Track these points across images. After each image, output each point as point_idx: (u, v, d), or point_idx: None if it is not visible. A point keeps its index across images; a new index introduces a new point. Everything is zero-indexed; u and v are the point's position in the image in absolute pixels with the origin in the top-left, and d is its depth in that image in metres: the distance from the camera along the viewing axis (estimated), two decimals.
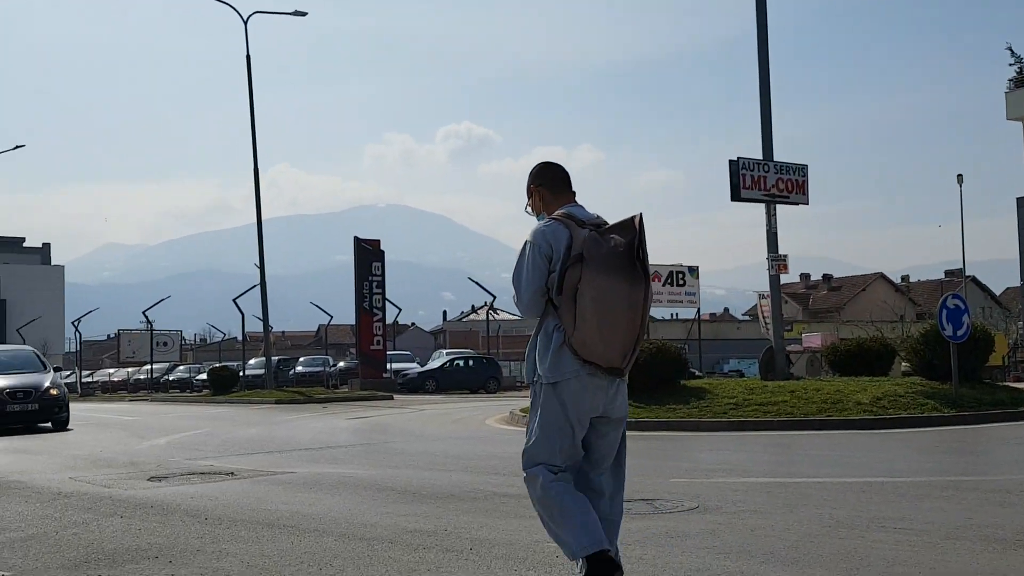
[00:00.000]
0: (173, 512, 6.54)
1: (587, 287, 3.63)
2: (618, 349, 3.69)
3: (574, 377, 3.70)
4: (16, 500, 7.40)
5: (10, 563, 4.93)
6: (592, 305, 3.62)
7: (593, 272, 3.64)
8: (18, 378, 16.97)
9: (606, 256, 3.68)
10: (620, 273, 3.68)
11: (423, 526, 5.64)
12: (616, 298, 3.65)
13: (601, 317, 3.63)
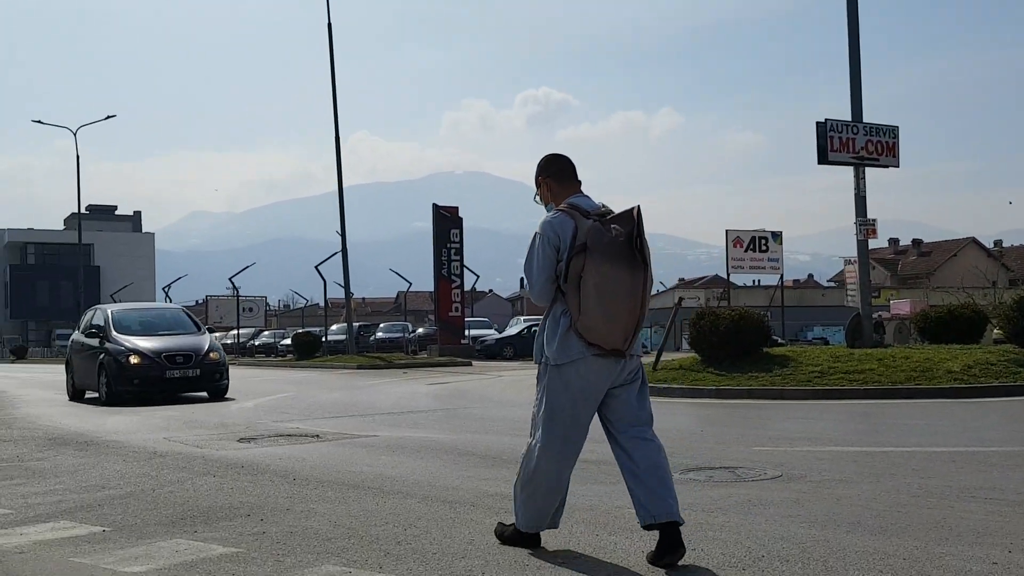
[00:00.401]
0: (263, 472, 6.74)
1: (590, 274, 3.85)
2: (620, 332, 3.91)
3: (580, 359, 3.93)
4: (114, 459, 7.72)
5: (111, 519, 5.15)
6: (595, 291, 3.85)
7: (596, 260, 3.85)
8: (174, 340, 15.02)
9: (608, 245, 3.88)
10: (621, 261, 3.88)
11: (504, 490, 5.68)
12: (617, 285, 3.87)
13: (603, 303, 3.86)
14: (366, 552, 4.21)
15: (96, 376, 14.75)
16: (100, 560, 4.17)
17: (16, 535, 4.75)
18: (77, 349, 16.19)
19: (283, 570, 3.94)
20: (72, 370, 16.30)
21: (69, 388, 16.32)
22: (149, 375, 14.30)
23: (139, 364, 14.28)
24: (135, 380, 14.20)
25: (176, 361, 14.52)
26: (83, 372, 15.63)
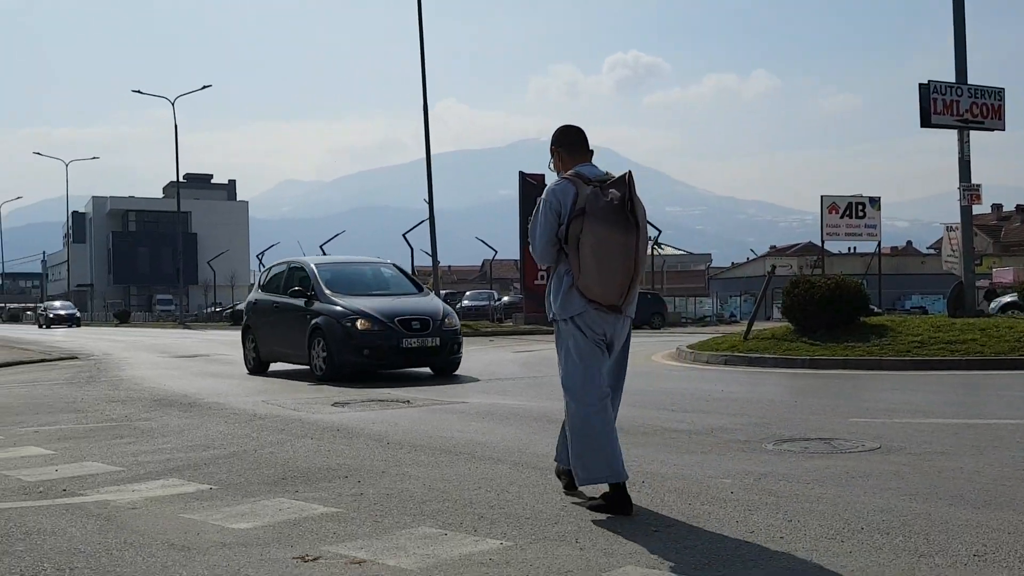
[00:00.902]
0: (357, 436, 6.91)
1: (587, 237, 4.18)
2: (615, 290, 4.26)
3: (583, 312, 4.32)
4: (217, 421, 8.02)
5: (216, 478, 5.36)
6: (591, 252, 4.19)
7: (592, 223, 4.18)
8: (401, 302, 12.36)
9: (603, 209, 4.20)
10: (615, 224, 4.19)
11: None
12: (612, 245, 4.19)
13: (600, 262, 4.19)
14: (460, 515, 4.28)
15: (305, 344, 12.08)
16: (208, 517, 4.35)
17: (129, 491, 4.99)
18: (265, 311, 13.48)
19: (381, 531, 4.04)
20: (255, 337, 13.54)
21: (249, 359, 13.69)
22: (382, 344, 11.59)
23: (368, 330, 11.61)
24: (364, 350, 11.61)
25: (412, 327, 11.77)
26: (277, 339, 13.01)
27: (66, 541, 3.94)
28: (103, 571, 3.49)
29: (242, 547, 3.79)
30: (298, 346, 12.35)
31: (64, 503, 4.71)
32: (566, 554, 3.61)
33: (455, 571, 3.42)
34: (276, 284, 13.67)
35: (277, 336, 13.06)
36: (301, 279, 12.92)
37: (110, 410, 9.00)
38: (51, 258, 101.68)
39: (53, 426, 7.85)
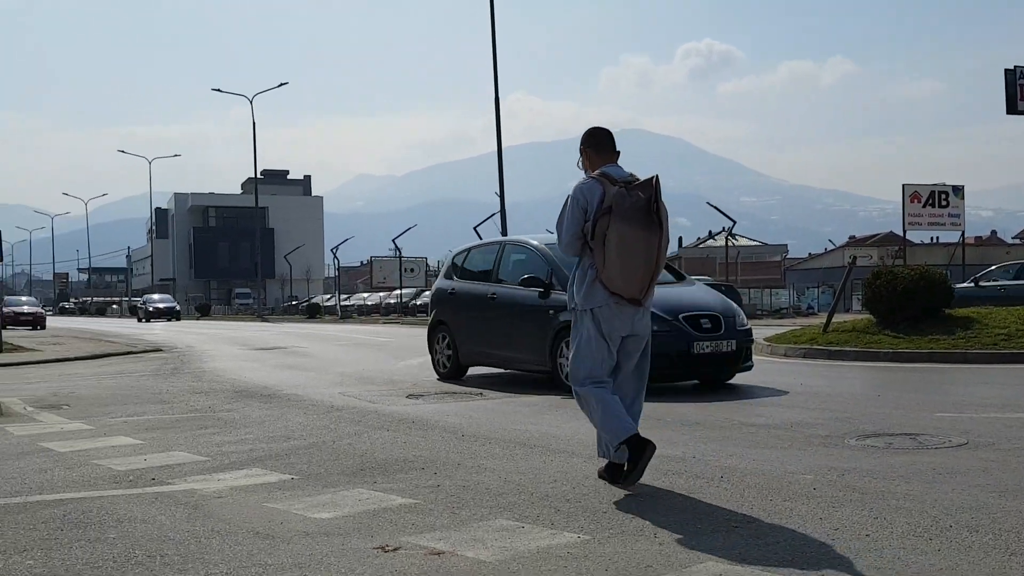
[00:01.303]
0: (432, 428, 6.97)
1: (613, 234, 4.50)
2: (637, 284, 4.58)
3: (604, 305, 4.62)
4: (297, 412, 8.18)
5: (297, 468, 5.47)
6: (616, 248, 4.50)
7: (618, 222, 4.49)
8: (681, 293, 9.66)
9: (629, 208, 4.50)
10: (639, 223, 4.51)
11: (670, 452, 5.65)
12: (636, 243, 4.51)
13: (623, 258, 4.51)
14: (537, 508, 4.29)
15: (546, 347, 9.45)
16: (291, 506, 4.43)
17: (214, 481, 5.12)
18: (469, 303, 10.84)
19: (459, 522, 4.06)
20: (452, 335, 11.01)
21: (441, 361, 11.22)
22: (668, 349, 8.64)
23: None
24: None
25: (702, 327, 9.12)
26: (491, 338, 10.44)
27: (156, 528, 4.06)
28: (192, 558, 3.59)
29: (324, 536, 3.86)
30: (532, 349, 9.69)
31: (154, 491, 4.86)
32: (645, 549, 3.59)
33: (533, 564, 3.42)
34: (483, 269, 10.97)
35: (492, 335, 10.37)
36: (526, 263, 10.23)
37: (194, 401, 9.26)
38: (135, 253, 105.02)
39: (141, 416, 8.11)
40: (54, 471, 5.50)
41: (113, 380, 12.12)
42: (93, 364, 15.66)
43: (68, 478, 5.28)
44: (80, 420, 7.87)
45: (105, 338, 25.20)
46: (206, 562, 3.53)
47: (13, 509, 4.49)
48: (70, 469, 5.55)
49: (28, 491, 4.92)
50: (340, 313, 51.79)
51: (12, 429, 7.41)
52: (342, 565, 3.45)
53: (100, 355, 17.46)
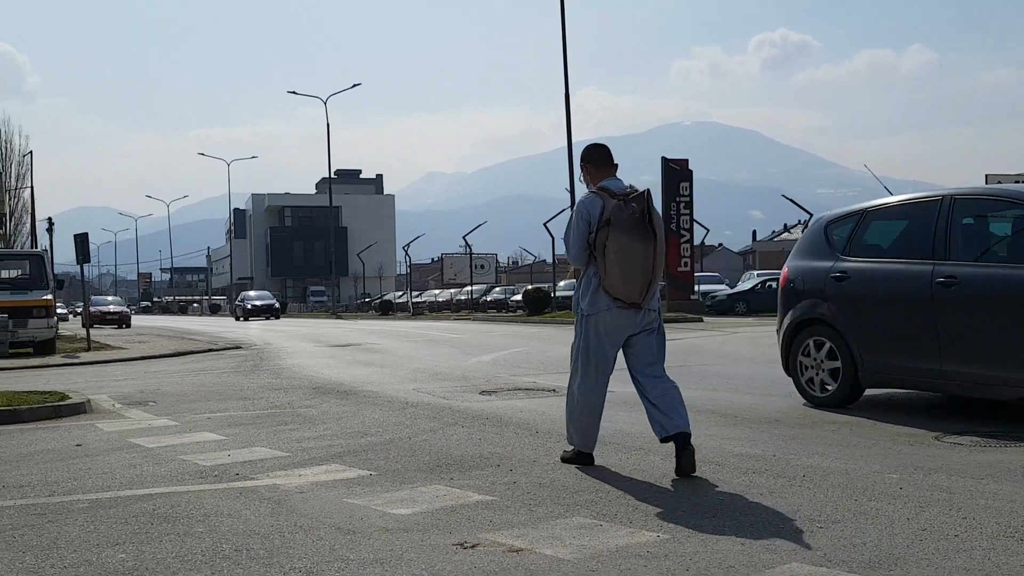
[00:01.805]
0: (507, 424, 6.99)
1: (612, 244, 4.88)
2: (636, 289, 4.95)
3: (607, 310, 5.01)
4: (372, 408, 8.29)
5: (375, 464, 5.54)
6: (615, 257, 4.89)
7: (616, 232, 4.88)
8: None
9: (626, 220, 4.89)
10: (635, 233, 4.89)
11: (749, 450, 5.57)
12: (633, 252, 4.89)
13: (622, 266, 4.89)
14: (614, 506, 4.27)
15: None
16: (370, 502, 4.50)
17: (296, 476, 5.22)
18: (892, 294, 7.05)
19: (536, 519, 4.07)
20: (851, 340, 7.29)
21: (816, 380, 7.58)
22: None
23: None
24: None
25: None
26: (929, 346, 6.67)
27: (241, 523, 4.16)
28: (276, 552, 3.66)
29: (403, 532, 3.90)
30: None
31: (238, 487, 4.98)
32: (726, 549, 3.54)
33: (612, 562, 3.41)
34: (909, 242, 7.25)
35: (942, 342, 6.61)
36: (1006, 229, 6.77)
37: (273, 397, 9.45)
38: (215, 253, 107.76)
39: (223, 413, 8.31)
40: (143, 466, 5.68)
41: (196, 377, 12.45)
42: (176, 361, 16.11)
43: (156, 473, 5.45)
44: (166, 416, 8.11)
45: (187, 336, 25.91)
46: (290, 556, 3.60)
47: (105, 503, 4.65)
48: (158, 464, 5.73)
49: (119, 486, 5.09)
50: (412, 310, 52.32)
51: (102, 425, 7.68)
52: (422, 561, 3.49)
53: (183, 352, 17.97)
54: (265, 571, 3.42)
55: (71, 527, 4.17)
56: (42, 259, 19.68)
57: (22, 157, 52.69)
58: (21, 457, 6.18)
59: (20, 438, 7.11)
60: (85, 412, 8.56)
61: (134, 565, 3.54)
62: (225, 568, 3.47)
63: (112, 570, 3.49)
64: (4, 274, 20.41)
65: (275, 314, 47.52)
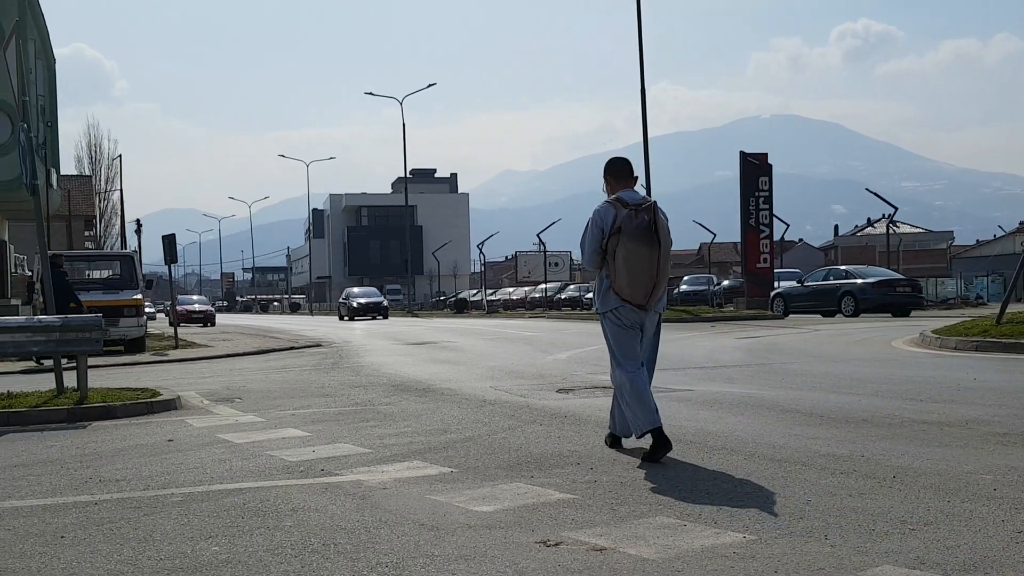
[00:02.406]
0: (585, 423, 6.98)
1: (621, 250, 5.35)
2: (641, 292, 5.39)
3: (618, 307, 5.50)
4: (451, 406, 8.36)
5: (455, 461, 5.59)
6: (623, 262, 5.35)
7: (625, 239, 5.34)
8: None
9: (635, 228, 5.34)
10: (642, 241, 5.33)
11: (836, 450, 5.45)
12: (639, 258, 5.33)
13: (629, 271, 5.35)
14: (698, 507, 4.22)
15: None
16: (452, 499, 4.54)
17: (379, 472, 5.30)
18: None
19: (618, 519, 4.05)
20: None
21: None
22: None
23: None
24: None
25: None
26: None
27: (328, 518, 4.25)
28: (363, 547, 3.73)
29: (486, 529, 3.93)
30: None
31: (323, 482, 5.08)
32: (815, 551, 3.47)
33: (698, 563, 3.37)
34: None
35: None
36: None
37: (354, 395, 9.61)
38: (294, 252, 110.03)
39: (307, 409, 8.49)
40: (232, 461, 5.84)
41: (279, 374, 12.74)
42: (259, 359, 16.50)
43: (245, 468, 5.59)
44: (252, 413, 8.32)
45: (268, 334, 26.51)
46: (376, 551, 3.66)
47: (198, 497, 4.79)
48: (247, 460, 5.88)
49: (210, 480, 5.25)
50: (486, 308, 52.58)
51: (192, 421, 7.91)
52: (506, 558, 3.51)
53: (265, 350, 18.39)
54: (353, 565, 3.48)
55: (166, 520, 4.31)
56: (132, 260, 20.36)
57: (111, 161, 54.66)
58: (116, 452, 6.41)
59: (115, 433, 7.38)
60: (175, 408, 8.84)
61: (227, 558, 3.64)
62: (314, 562, 3.55)
63: (206, 562, 3.59)
64: (96, 274, 21.20)
65: (383, 313, 43.25)
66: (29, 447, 6.81)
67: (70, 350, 9.14)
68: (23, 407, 8.47)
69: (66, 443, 6.94)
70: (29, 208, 24.33)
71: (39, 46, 26.98)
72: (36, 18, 25.82)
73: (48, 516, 4.48)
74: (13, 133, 22.30)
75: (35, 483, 5.37)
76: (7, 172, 23.20)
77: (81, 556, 3.74)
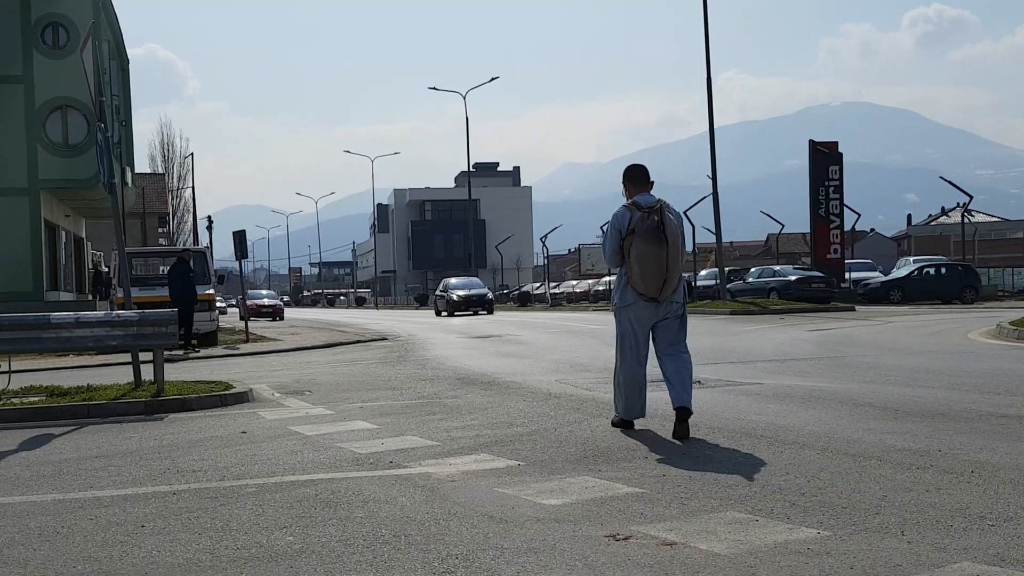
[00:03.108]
0: (652, 416, 6.90)
1: (634, 249, 5.97)
2: (653, 287, 6.00)
3: (633, 303, 6.11)
4: (516, 399, 8.38)
5: (522, 454, 5.61)
6: (636, 260, 5.97)
7: (638, 240, 5.96)
8: None
9: (646, 229, 5.95)
10: (652, 240, 5.94)
11: (912, 445, 5.33)
12: (649, 256, 5.95)
13: (641, 267, 5.97)
14: (770, 502, 4.16)
15: None
16: (520, 492, 4.55)
17: (446, 465, 5.35)
18: None
19: (688, 513, 4.02)
20: None
21: None
22: None
23: None
24: None
25: None
26: None
27: (398, 509, 4.30)
28: (432, 539, 3.76)
29: (555, 523, 3.93)
30: None
31: (393, 474, 5.15)
32: (892, 547, 3.40)
33: (771, 559, 3.33)
34: None
35: None
36: None
37: (420, 388, 9.70)
38: (359, 247, 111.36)
39: (374, 402, 8.59)
40: (304, 453, 5.94)
41: (347, 367, 12.92)
42: (327, 352, 16.76)
43: (317, 460, 5.69)
44: (322, 405, 8.46)
45: (336, 328, 26.90)
46: (446, 543, 3.69)
47: (271, 488, 4.89)
48: (318, 451, 5.98)
49: (283, 471, 5.35)
50: (550, 301, 52.49)
51: (264, 414, 8.08)
52: (575, 552, 3.50)
53: (333, 344, 18.67)
54: (423, 556, 3.52)
55: (241, 510, 4.41)
56: (204, 256, 20.83)
57: (183, 159, 56.00)
58: (192, 444, 6.58)
59: (191, 425, 7.58)
60: (248, 401, 9.03)
61: (301, 548, 3.71)
62: (386, 553, 3.59)
63: (281, 552, 3.67)
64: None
65: (487, 307, 36.73)
66: (109, 438, 7.03)
67: (147, 344, 9.40)
68: (103, 399, 8.75)
69: (144, 435, 7.15)
70: (106, 206, 25.16)
71: (113, 47, 27.79)
72: (110, 20, 26.58)
73: (129, 506, 4.62)
74: (90, 133, 23.02)
75: (115, 474, 5.54)
76: (85, 171, 24.00)
77: (161, 545, 3.85)
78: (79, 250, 31.65)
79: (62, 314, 9.59)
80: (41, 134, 24.32)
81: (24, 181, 24.04)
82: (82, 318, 9.42)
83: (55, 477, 5.49)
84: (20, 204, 23.97)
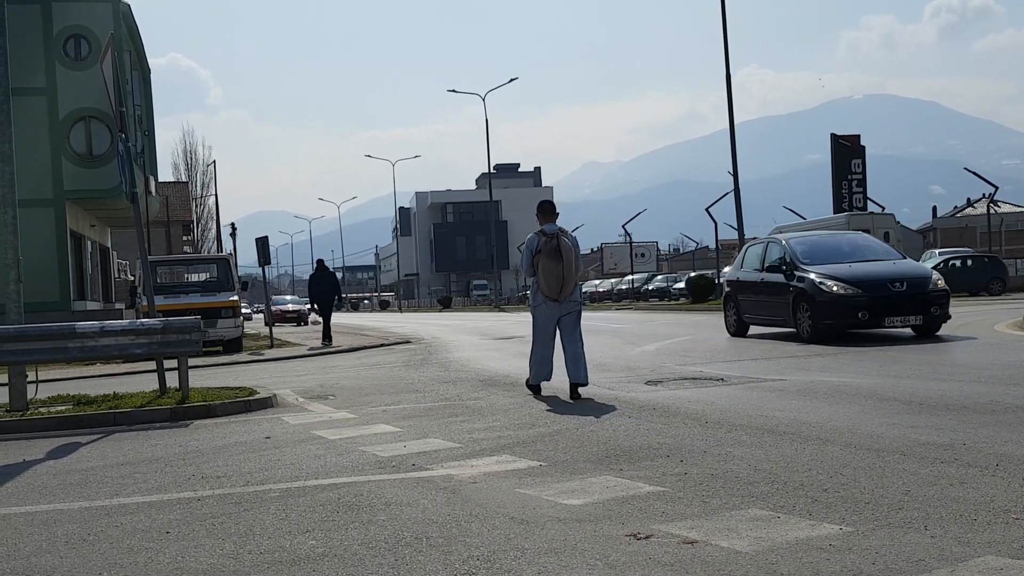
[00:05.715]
0: (674, 415, 6.91)
1: (540, 264, 8.39)
2: (554, 290, 8.36)
3: (543, 303, 8.50)
4: (538, 400, 8.38)
5: (544, 454, 5.61)
6: (542, 272, 8.38)
7: (543, 257, 8.37)
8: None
9: (549, 250, 8.35)
10: (552, 258, 8.34)
11: (936, 439, 5.28)
12: (550, 269, 8.34)
13: (546, 277, 8.36)
14: (792, 498, 4.14)
15: None
16: (542, 492, 4.56)
17: (468, 467, 5.36)
18: None
19: (710, 511, 4.01)
20: None
21: None
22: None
23: None
24: None
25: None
26: None
27: (420, 512, 4.32)
28: (454, 541, 3.78)
29: (576, 523, 3.94)
30: None
31: (415, 477, 5.17)
32: (915, 542, 3.37)
33: (793, 555, 3.32)
34: None
35: None
36: None
37: (443, 390, 9.73)
38: (382, 251, 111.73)
39: (397, 405, 8.63)
40: (327, 457, 5.98)
41: (370, 371, 12.97)
42: (351, 356, 16.84)
43: (339, 464, 5.72)
44: (345, 410, 8.50)
45: (360, 331, 27.02)
46: (468, 545, 3.70)
47: (295, 492, 4.93)
48: (340, 455, 6.02)
49: (306, 476, 5.39)
50: None
51: (287, 418, 8.13)
52: (596, 551, 3.51)
53: (357, 348, 18.75)
54: (445, 558, 3.54)
55: (265, 515, 4.44)
56: (228, 262, 21.00)
57: (206, 167, 56.47)
58: (217, 449, 6.64)
59: (215, 431, 7.64)
60: (272, 406, 9.10)
61: (323, 552, 3.74)
62: (407, 555, 3.61)
63: (304, 556, 3.69)
64: (194, 277, 21.94)
65: None
66: (135, 446, 7.11)
67: (171, 352, 9.49)
68: (128, 407, 8.84)
69: (169, 441, 7.22)
70: (130, 215, 25.42)
71: (135, 57, 28.05)
72: (131, 31, 26.83)
73: (154, 512, 4.67)
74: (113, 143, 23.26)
75: (141, 480, 5.60)
76: (109, 181, 24.24)
77: (185, 551, 3.89)
78: (105, 259, 31.99)
79: (87, 323, 9.70)
80: (65, 145, 24.61)
81: (49, 192, 24.32)
82: (107, 327, 9.52)
83: (82, 485, 5.56)
84: (46, 215, 24.25)
